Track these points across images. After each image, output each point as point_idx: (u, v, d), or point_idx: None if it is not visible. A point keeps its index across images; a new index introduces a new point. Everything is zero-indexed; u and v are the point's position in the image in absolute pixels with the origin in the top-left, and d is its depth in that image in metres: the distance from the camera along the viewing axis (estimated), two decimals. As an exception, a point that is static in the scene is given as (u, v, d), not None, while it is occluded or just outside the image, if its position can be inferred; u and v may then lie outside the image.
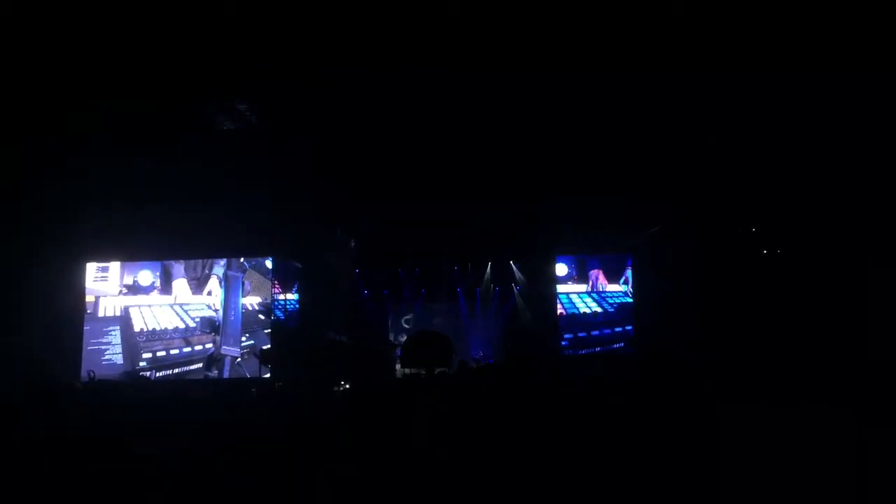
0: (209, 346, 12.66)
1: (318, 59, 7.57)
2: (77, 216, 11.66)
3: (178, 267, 13.11)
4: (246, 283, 12.93)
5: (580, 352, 14.11)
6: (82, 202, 11.28)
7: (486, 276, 15.44)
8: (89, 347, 12.73)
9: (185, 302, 12.94)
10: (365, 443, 3.02)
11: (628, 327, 14.02)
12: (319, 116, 9.21)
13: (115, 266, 13.16)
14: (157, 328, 12.85)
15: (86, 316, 12.92)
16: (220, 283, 12.95)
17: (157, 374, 12.38)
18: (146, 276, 13.12)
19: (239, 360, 12.58)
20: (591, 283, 14.38)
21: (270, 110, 9.06)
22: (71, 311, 12.76)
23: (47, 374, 10.43)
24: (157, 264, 13.11)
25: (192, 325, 12.83)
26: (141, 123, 9.11)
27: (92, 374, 10.85)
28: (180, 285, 13.02)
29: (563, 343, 14.19)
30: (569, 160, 10.33)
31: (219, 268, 13.03)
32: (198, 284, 13.03)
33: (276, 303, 12.98)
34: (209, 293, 12.97)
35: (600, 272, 14.36)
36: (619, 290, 14.27)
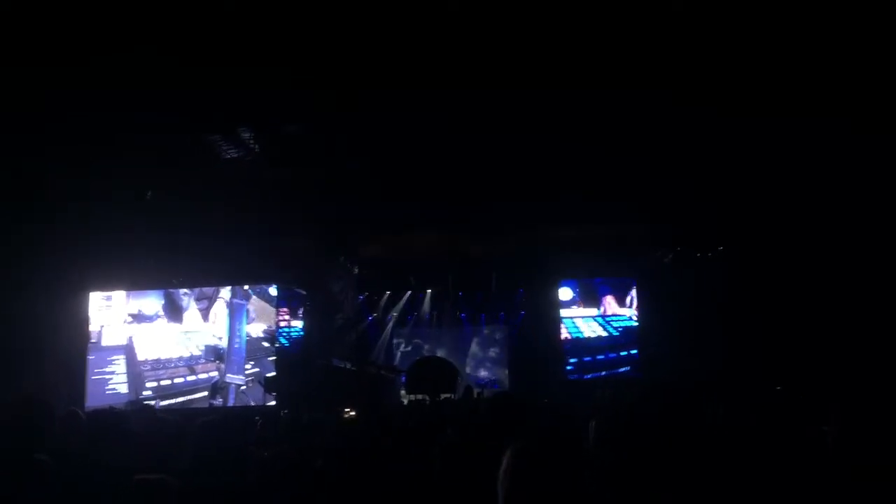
0: (214, 374, 12.62)
1: (321, 87, 7.64)
2: (81, 245, 11.68)
3: (188, 298, 13.10)
4: (250, 310, 12.92)
5: (585, 376, 14.05)
6: (86, 232, 11.30)
7: (491, 301, 15.42)
8: (93, 377, 12.69)
9: (189, 330, 12.92)
10: (372, 473, 3.00)
11: (633, 351, 13.97)
12: (323, 144, 9.27)
13: (119, 295, 13.16)
14: (162, 357, 12.82)
15: (90, 345, 12.90)
16: (225, 310, 12.94)
17: (162, 403, 12.33)
18: (151, 304, 13.12)
19: (244, 387, 12.53)
20: (602, 307, 14.33)
21: (274, 139, 9.12)
22: (75, 341, 12.73)
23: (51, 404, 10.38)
24: (162, 292, 13.11)
25: (196, 353, 12.80)
26: (144, 153, 9.17)
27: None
28: (185, 314, 13.02)
29: (569, 367, 14.13)
30: (574, 185, 10.34)
31: (224, 294, 13.03)
32: (204, 313, 13.02)
33: (280, 330, 12.95)
34: (214, 322, 12.96)
35: (612, 297, 14.32)
36: (624, 313, 14.23)
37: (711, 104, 7.95)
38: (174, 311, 13.06)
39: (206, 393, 12.51)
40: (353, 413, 9.26)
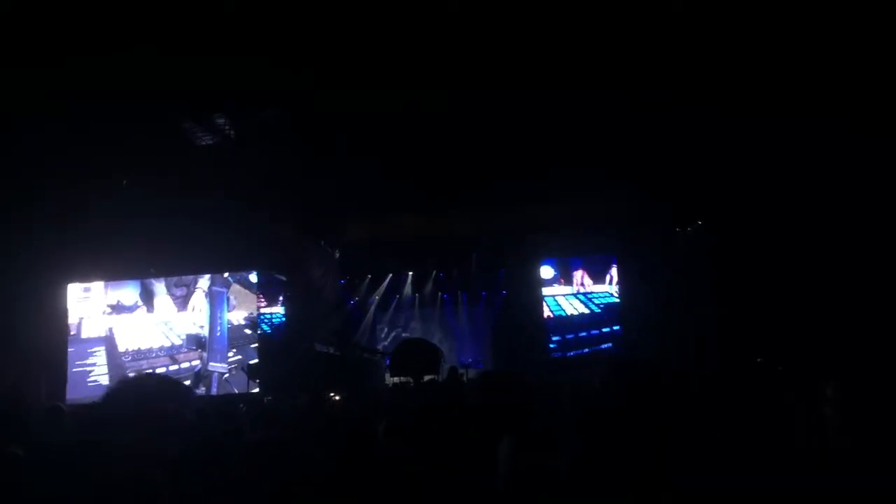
0: (196, 363, 12.54)
1: (296, 72, 7.56)
2: (57, 236, 11.53)
3: (160, 284, 12.99)
4: (231, 298, 12.83)
5: (569, 353, 14.12)
6: (61, 222, 11.15)
7: (472, 281, 15.44)
8: (74, 369, 12.58)
9: (170, 319, 12.82)
10: (361, 456, 2.98)
11: (616, 327, 14.04)
12: (300, 129, 9.19)
13: (97, 286, 13.02)
14: (143, 347, 12.72)
15: (69, 338, 12.77)
16: (205, 298, 12.84)
17: (144, 394, 12.23)
18: (130, 294, 12.99)
19: (226, 375, 12.47)
20: (575, 283, 14.39)
21: (250, 124, 9.03)
22: (54, 334, 12.60)
23: (31, 397, 10.30)
24: (140, 283, 12.99)
25: (178, 342, 12.71)
26: (118, 140, 9.05)
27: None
28: (163, 303, 12.90)
29: (552, 346, 14.19)
30: (554, 164, 10.35)
31: (203, 282, 12.93)
32: (182, 301, 12.92)
33: (261, 317, 12.88)
34: (194, 309, 12.86)
35: (584, 272, 14.39)
36: (605, 290, 14.29)
37: (695, 85, 7.98)
38: (151, 300, 12.95)
39: (188, 382, 12.45)
40: (337, 397, 9.24)
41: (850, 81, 7.71)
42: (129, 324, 12.86)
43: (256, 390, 12.06)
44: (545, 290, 14.38)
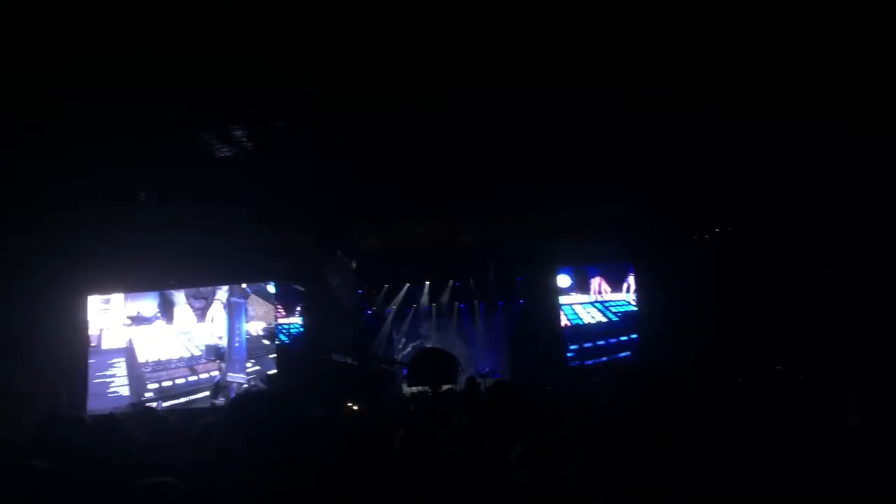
0: (215, 373, 12.62)
1: (312, 84, 7.61)
2: (77, 249, 11.66)
3: (179, 295, 13.08)
4: (249, 308, 12.91)
5: (586, 362, 14.06)
6: (81, 235, 11.28)
7: (489, 290, 15.41)
8: (94, 381, 12.69)
9: (189, 330, 12.91)
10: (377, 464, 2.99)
11: (633, 336, 13.97)
12: (317, 139, 9.24)
13: (117, 298, 13.14)
14: (163, 358, 12.82)
15: (90, 349, 12.89)
16: (223, 309, 12.92)
17: (164, 405, 12.33)
18: (149, 306, 13.10)
19: (245, 385, 12.53)
20: (592, 291, 14.34)
21: (268, 136, 9.09)
22: (75, 346, 12.72)
23: (53, 409, 10.40)
24: (159, 294, 13.09)
25: (197, 353, 12.80)
26: (138, 154, 9.15)
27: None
28: (182, 314, 13.00)
29: (570, 354, 14.14)
30: (570, 171, 10.32)
31: (222, 293, 13.01)
32: (201, 312, 13.01)
33: (279, 327, 12.94)
34: (213, 321, 12.94)
35: (602, 279, 14.34)
36: (622, 298, 14.24)
37: (709, 90, 7.94)
38: (170, 312, 13.05)
39: (207, 393, 12.51)
40: (356, 407, 9.26)
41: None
42: (148, 335, 12.97)
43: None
44: (562, 299, 14.34)
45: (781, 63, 7.34)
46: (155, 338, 12.94)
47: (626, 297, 14.20)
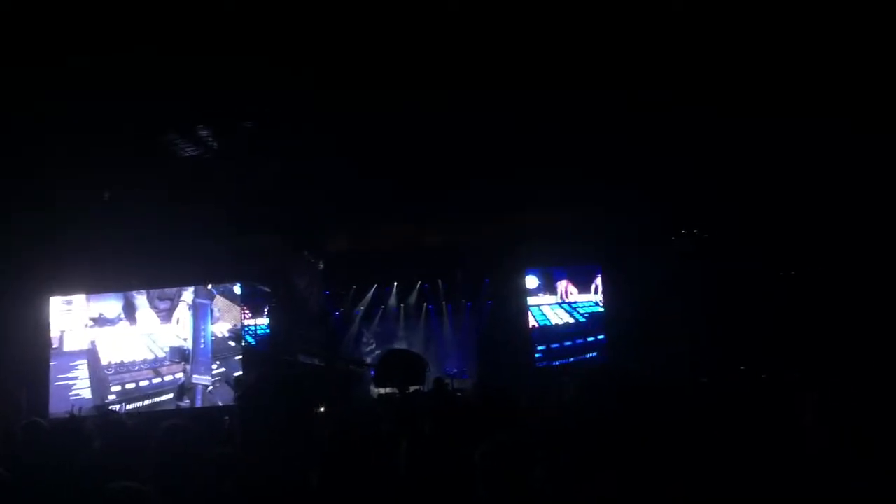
0: (179, 375, 12.45)
1: (278, 83, 7.55)
2: (38, 249, 11.44)
3: (143, 297, 12.90)
4: (214, 310, 12.76)
5: (554, 363, 14.14)
6: (43, 235, 11.07)
7: (457, 291, 15.43)
8: (56, 383, 12.45)
9: (154, 332, 12.73)
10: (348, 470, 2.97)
11: (601, 336, 14.08)
12: (282, 140, 9.18)
13: (80, 299, 12.91)
14: (126, 360, 12.61)
15: (51, 351, 12.64)
16: (188, 310, 12.77)
17: (127, 407, 12.14)
18: (112, 307, 12.89)
19: (210, 388, 12.38)
20: (559, 293, 14.43)
21: (233, 136, 9.01)
22: (36, 348, 12.47)
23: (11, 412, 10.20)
24: (122, 295, 12.89)
25: (161, 355, 12.62)
26: (102, 153, 9.00)
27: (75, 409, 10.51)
28: (146, 315, 12.81)
29: (537, 355, 14.21)
30: (537, 173, 10.36)
31: (187, 294, 12.85)
32: (166, 314, 12.84)
33: (245, 328, 12.82)
34: (178, 322, 12.78)
35: (569, 282, 14.43)
36: (590, 299, 14.34)
37: (687, 90, 8.00)
38: (134, 313, 12.86)
39: (172, 395, 12.35)
40: (322, 409, 9.20)
41: (838, 82, 7.77)
42: (111, 337, 12.76)
43: (241, 402, 11.94)
44: (530, 300, 14.41)
45: (753, 64, 7.42)
46: (118, 339, 12.73)
47: (594, 298, 14.31)
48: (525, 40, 6.88)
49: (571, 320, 14.35)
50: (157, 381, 12.46)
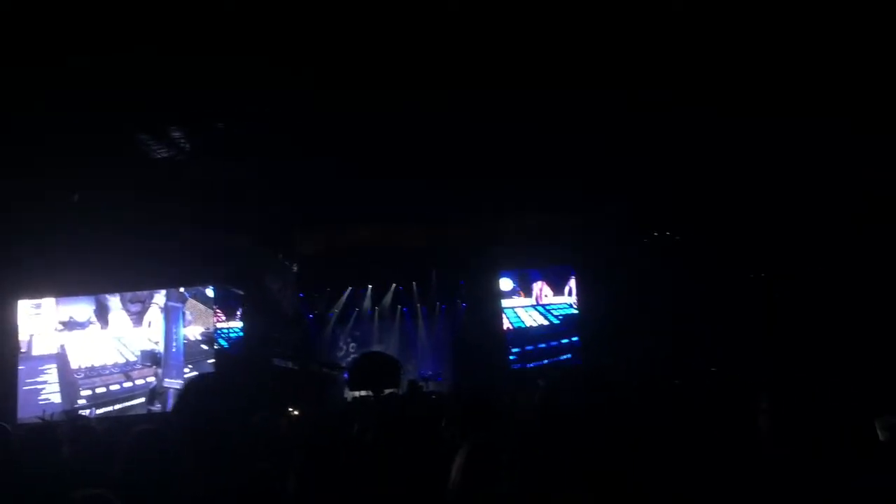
0: (151, 379, 12.33)
1: (251, 84, 7.51)
2: (5, 252, 11.27)
3: (114, 300, 12.75)
4: (186, 313, 12.65)
5: (528, 365, 14.18)
6: (10, 237, 10.90)
7: (432, 294, 15.43)
8: (24, 388, 12.27)
9: (125, 335, 12.59)
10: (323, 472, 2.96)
11: (574, 338, 14.15)
12: (253, 142, 9.13)
13: (49, 302, 12.73)
14: (96, 364, 12.46)
15: (20, 355, 12.45)
16: (160, 313, 12.64)
17: (98, 412, 11.99)
18: (82, 310, 12.73)
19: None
20: (534, 295, 14.49)
21: (205, 137, 8.94)
22: (4, 352, 12.28)
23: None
24: (93, 298, 12.73)
25: (132, 359, 12.48)
26: (70, 153, 8.89)
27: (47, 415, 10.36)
28: (118, 319, 12.67)
29: (512, 357, 14.24)
30: (512, 174, 10.38)
31: (159, 297, 12.72)
32: (137, 317, 12.70)
33: (218, 332, 12.72)
34: (149, 325, 12.65)
35: (544, 284, 14.49)
36: (564, 301, 14.40)
37: (660, 90, 8.03)
38: (105, 316, 12.71)
39: (143, 399, 12.22)
40: (296, 412, 9.16)
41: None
42: (81, 340, 12.60)
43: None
44: (504, 302, 14.45)
45: (729, 63, 7.49)
46: (88, 343, 12.58)
47: (568, 299, 14.38)
48: (497, 40, 6.90)
49: (546, 322, 14.40)
50: (128, 385, 12.32)
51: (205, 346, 12.50)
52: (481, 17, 6.44)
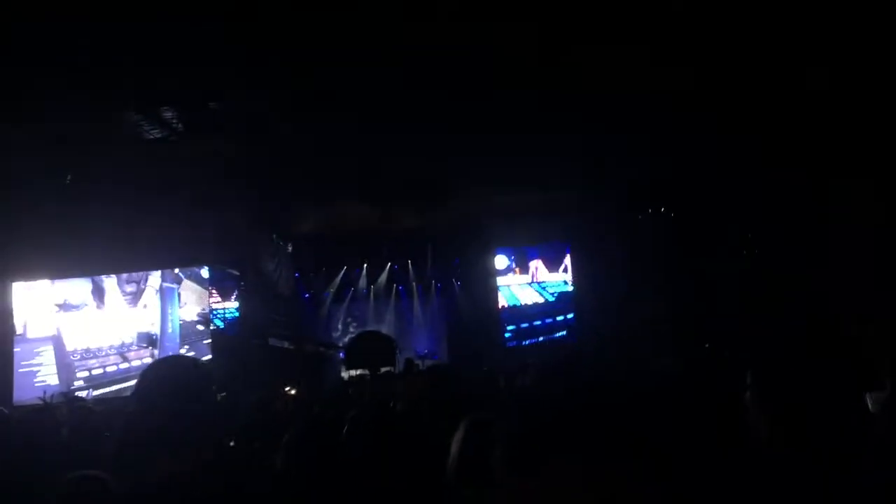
0: (147, 360, 12.35)
1: (245, 63, 7.45)
2: (0, 234, 11.22)
3: (110, 281, 12.75)
4: (182, 294, 12.65)
5: (524, 343, 14.25)
6: (5, 219, 10.85)
7: (427, 272, 15.46)
8: (20, 370, 12.28)
9: (120, 317, 12.60)
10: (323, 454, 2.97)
11: (569, 316, 14.21)
12: (248, 121, 9.07)
13: (44, 284, 12.72)
14: (92, 346, 12.48)
15: (15, 338, 12.45)
16: (156, 295, 12.65)
17: (94, 393, 12.02)
18: (78, 292, 12.72)
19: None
20: (531, 273, 14.52)
21: (198, 117, 8.88)
22: (-1, 334, 12.29)
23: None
24: (89, 280, 12.72)
25: (128, 340, 12.50)
26: (63, 133, 8.83)
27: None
28: (113, 300, 12.67)
29: (507, 335, 14.30)
30: (508, 150, 10.34)
31: (154, 279, 12.72)
32: (133, 298, 12.70)
33: (214, 312, 12.73)
34: (145, 307, 12.66)
35: (540, 262, 14.52)
36: (559, 279, 14.44)
37: (648, 73, 8.01)
38: (100, 298, 12.71)
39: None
40: (292, 392, 9.21)
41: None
42: (77, 322, 12.61)
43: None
44: (500, 280, 14.48)
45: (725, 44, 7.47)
46: (84, 325, 12.58)
47: (564, 276, 14.42)
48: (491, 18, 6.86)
49: (541, 300, 14.45)
50: (124, 366, 12.35)
51: (201, 327, 12.52)
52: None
